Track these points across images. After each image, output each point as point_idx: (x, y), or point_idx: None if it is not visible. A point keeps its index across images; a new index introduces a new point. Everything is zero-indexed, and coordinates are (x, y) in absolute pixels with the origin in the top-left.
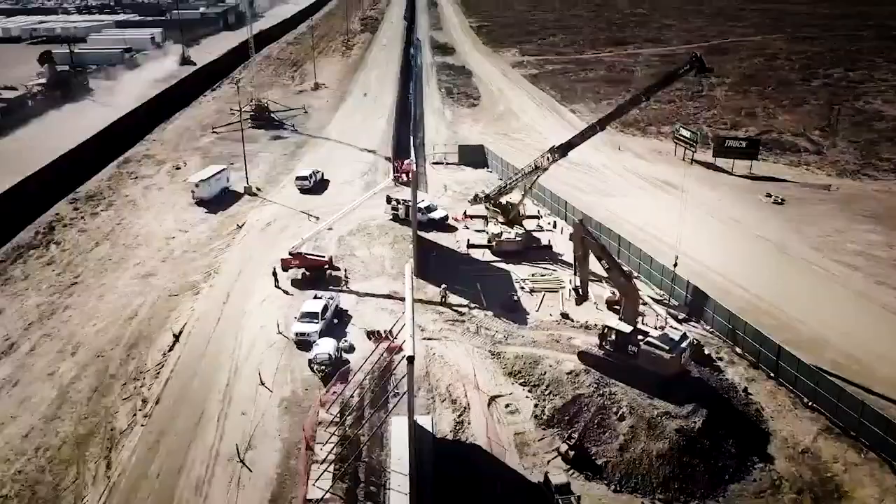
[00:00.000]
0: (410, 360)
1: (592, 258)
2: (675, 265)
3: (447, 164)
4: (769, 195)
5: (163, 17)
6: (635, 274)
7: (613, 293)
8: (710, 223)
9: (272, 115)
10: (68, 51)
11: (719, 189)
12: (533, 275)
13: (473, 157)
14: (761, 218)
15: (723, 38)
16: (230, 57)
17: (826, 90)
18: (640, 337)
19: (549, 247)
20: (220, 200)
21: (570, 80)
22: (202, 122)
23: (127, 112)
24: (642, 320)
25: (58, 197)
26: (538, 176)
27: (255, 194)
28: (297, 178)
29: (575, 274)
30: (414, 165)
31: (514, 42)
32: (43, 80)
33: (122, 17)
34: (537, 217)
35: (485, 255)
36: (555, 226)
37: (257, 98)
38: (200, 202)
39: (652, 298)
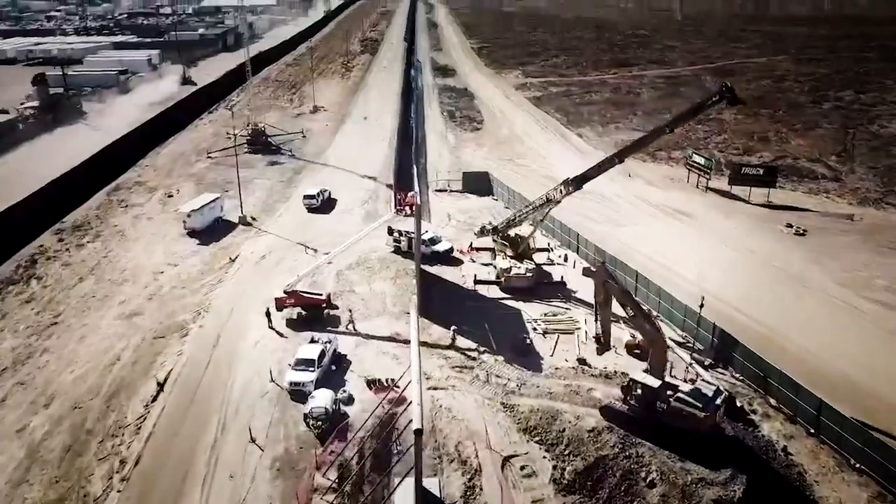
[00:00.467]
0: (418, 433)
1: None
2: (702, 306)
3: (451, 191)
4: (790, 225)
5: (161, 39)
6: (654, 313)
7: (633, 336)
8: (728, 254)
9: (269, 139)
10: (61, 73)
11: (736, 218)
12: (545, 314)
13: (478, 184)
14: (782, 249)
15: (728, 60)
16: (228, 79)
17: (838, 113)
18: (669, 392)
19: (562, 283)
20: (212, 231)
21: (575, 102)
22: (198, 146)
23: (119, 137)
24: (670, 370)
25: (43, 227)
26: (550, 209)
27: (249, 224)
28: (305, 197)
29: (596, 321)
30: (418, 198)
31: (516, 64)
32: (33, 103)
33: (119, 38)
34: (548, 250)
35: (492, 291)
36: (566, 259)
37: (254, 122)
38: (192, 233)
39: (673, 341)
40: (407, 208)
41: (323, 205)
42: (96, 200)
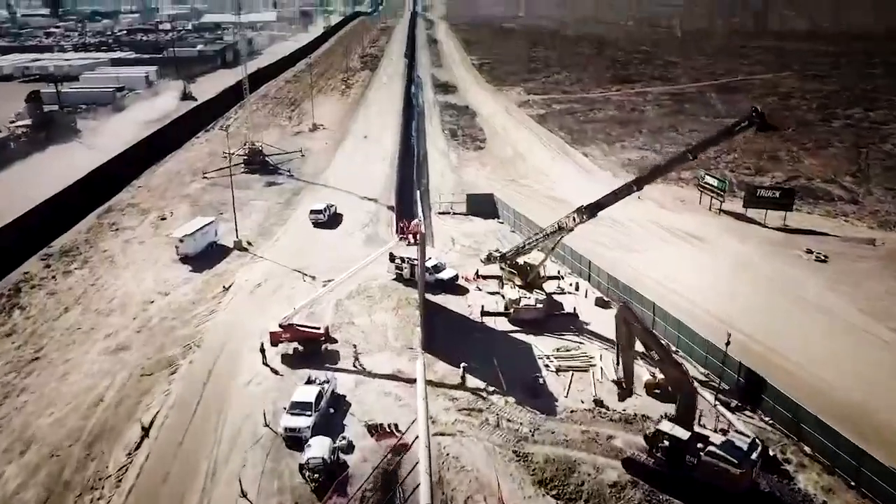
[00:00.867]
0: None
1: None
2: (728, 344)
3: (454, 213)
4: (810, 251)
5: (160, 55)
6: (673, 348)
7: (654, 375)
8: (747, 283)
9: (267, 158)
10: (55, 90)
11: (752, 243)
12: (558, 349)
13: (482, 206)
14: (802, 277)
15: (731, 77)
16: (226, 96)
17: (849, 131)
18: (699, 444)
19: (574, 314)
20: (206, 256)
21: (579, 120)
22: (193, 165)
23: (113, 157)
24: (699, 419)
25: (30, 252)
26: (562, 237)
27: (245, 249)
28: (312, 212)
29: (617, 364)
30: (422, 226)
31: (518, 80)
32: (25, 121)
33: (117, 54)
34: (558, 278)
35: (500, 323)
36: (577, 288)
37: (251, 141)
38: (185, 258)
39: (697, 381)
40: (410, 237)
41: (329, 220)
42: (87, 223)
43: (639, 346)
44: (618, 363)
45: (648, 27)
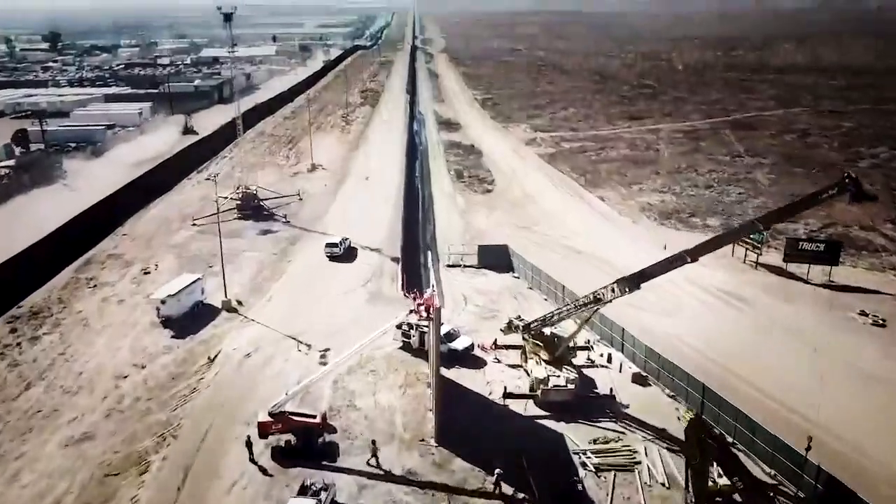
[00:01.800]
0: None
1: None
2: (808, 449)
3: (465, 266)
4: (864, 313)
5: (156, 91)
6: (729, 438)
7: (715, 481)
8: (800, 353)
9: (262, 203)
10: (40, 129)
11: (798, 303)
12: (595, 440)
13: (496, 259)
14: (859, 345)
15: (744, 112)
16: (221, 133)
17: (878, 172)
18: None
19: (611, 396)
20: (191, 318)
21: (591, 160)
22: (183, 210)
23: (95, 203)
24: None
25: None
26: (598, 308)
27: (234, 310)
28: (327, 245)
29: (687, 489)
30: (437, 299)
31: (523, 116)
32: (8, 162)
33: (112, 90)
34: (587, 348)
35: (523, 405)
36: (610, 360)
37: (245, 185)
38: (167, 321)
39: (762, 483)
40: (423, 310)
41: (345, 253)
42: (63, 278)
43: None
44: (687, 488)
45: (646, 60)
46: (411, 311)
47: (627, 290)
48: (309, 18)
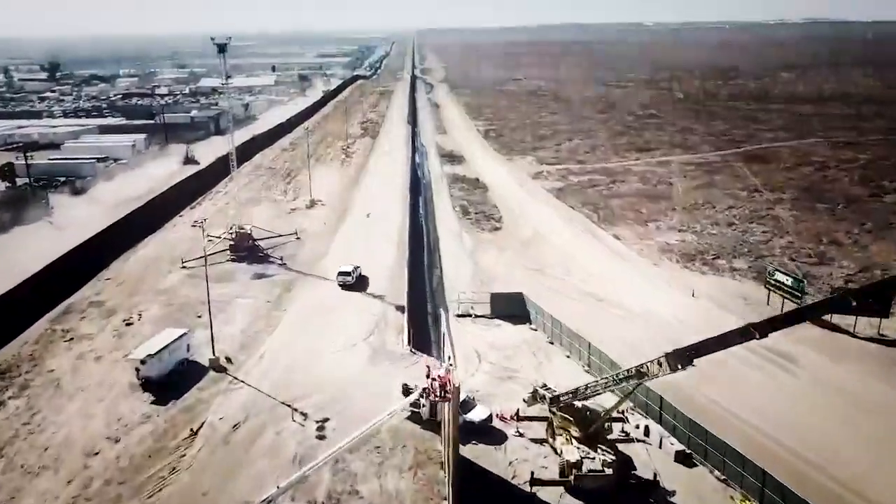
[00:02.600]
0: None
1: None
2: None
3: (476, 316)
4: None
5: (151, 121)
6: None
7: None
8: (860, 423)
9: (256, 243)
10: (25, 162)
11: (849, 362)
12: None
13: (510, 307)
14: None
15: (755, 144)
16: (215, 168)
17: None
18: None
19: (655, 482)
20: (175, 377)
21: (602, 194)
22: (173, 250)
23: (78, 244)
24: None
25: None
26: (640, 383)
27: (223, 369)
28: (340, 274)
29: None
30: (455, 377)
31: (528, 148)
32: None
33: (107, 121)
34: (622, 419)
35: (553, 492)
36: (647, 433)
37: (238, 224)
38: (147, 383)
39: None
40: (440, 389)
41: (357, 282)
42: (37, 330)
43: None
44: None
45: (647, 89)
46: (424, 391)
47: (680, 367)
48: (309, 48)
